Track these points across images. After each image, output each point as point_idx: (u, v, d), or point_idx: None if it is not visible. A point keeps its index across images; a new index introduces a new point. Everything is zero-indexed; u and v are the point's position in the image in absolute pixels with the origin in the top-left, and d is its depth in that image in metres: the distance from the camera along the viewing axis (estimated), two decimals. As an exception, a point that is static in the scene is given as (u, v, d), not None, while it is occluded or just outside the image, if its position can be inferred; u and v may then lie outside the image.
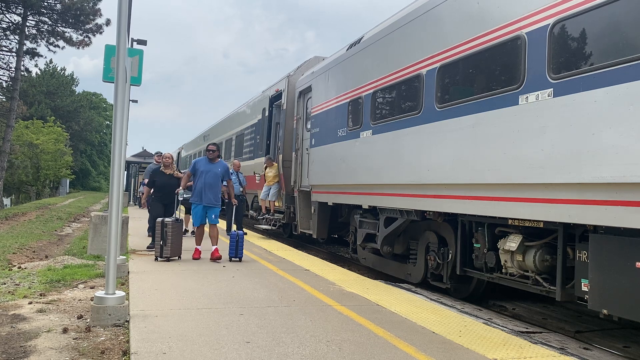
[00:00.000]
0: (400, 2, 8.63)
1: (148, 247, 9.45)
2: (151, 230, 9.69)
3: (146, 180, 11.68)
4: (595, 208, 4.47)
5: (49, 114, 50.43)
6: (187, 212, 12.08)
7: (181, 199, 10.17)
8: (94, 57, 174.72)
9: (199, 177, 8.46)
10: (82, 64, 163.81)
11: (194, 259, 8.51)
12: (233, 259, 8.49)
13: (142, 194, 25.30)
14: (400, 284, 7.26)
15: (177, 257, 8.36)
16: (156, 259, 8.20)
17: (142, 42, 14.96)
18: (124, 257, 7.67)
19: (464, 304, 6.52)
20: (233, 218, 9.66)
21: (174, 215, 9.12)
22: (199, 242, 8.73)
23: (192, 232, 11.36)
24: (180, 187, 8.95)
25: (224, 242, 9.34)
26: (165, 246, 8.14)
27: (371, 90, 8.41)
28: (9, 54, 28.36)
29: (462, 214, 6.40)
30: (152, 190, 9.87)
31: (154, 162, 12.72)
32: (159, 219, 8.31)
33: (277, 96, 13.69)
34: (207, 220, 8.62)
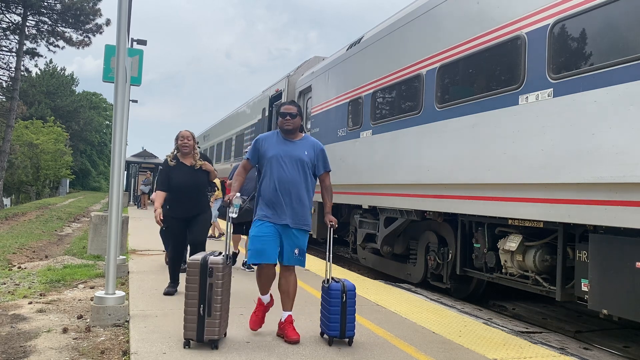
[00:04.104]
0: (403, 2, 8.64)
1: (165, 293, 5.71)
2: (171, 263, 5.88)
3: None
4: (595, 208, 4.47)
5: (49, 114, 50.41)
6: (237, 230, 7.68)
7: (234, 214, 4.26)
8: (97, 57, 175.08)
9: (267, 168, 4.24)
10: (85, 64, 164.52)
11: (252, 329, 4.36)
12: (335, 338, 4.11)
13: (144, 193, 25.21)
14: (400, 284, 7.26)
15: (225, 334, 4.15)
16: (187, 345, 3.90)
17: (142, 42, 14.93)
18: (124, 257, 7.66)
19: (464, 304, 6.52)
20: (330, 252, 4.33)
21: (224, 251, 4.17)
22: (264, 290, 4.35)
23: (246, 265, 7.56)
24: (232, 193, 4.22)
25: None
26: (209, 317, 3.87)
27: (371, 90, 8.41)
28: (9, 54, 28.38)
29: (462, 214, 6.40)
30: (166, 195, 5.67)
31: None
32: (193, 259, 3.94)
33: (277, 96, 13.71)
34: (281, 257, 4.22)
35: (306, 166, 4.27)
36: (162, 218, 5.42)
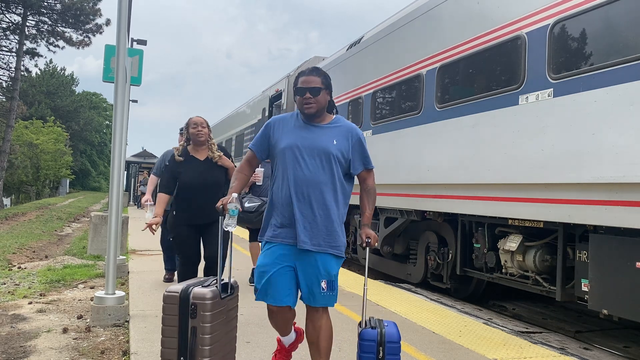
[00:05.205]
0: (404, 2, 8.66)
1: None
2: (180, 274, 4.58)
3: (150, 179, 6.27)
4: (595, 208, 4.47)
5: (49, 114, 50.47)
6: (254, 237, 6.28)
7: (232, 227, 2.87)
8: (97, 57, 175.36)
9: (279, 164, 2.98)
10: (85, 64, 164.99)
11: None
12: None
13: (143, 194, 24.86)
14: (400, 284, 7.26)
15: None
16: None
17: (142, 42, 14.96)
18: (124, 257, 7.66)
19: (464, 304, 6.52)
20: (366, 281, 3.43)
21: (220, 277, 2.98)
22: (283, 331, 3.30)
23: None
24: (228, 196, 2.91)
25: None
26: None
27: (371, 90, 8.41)
28: (9, 54, 28.42)
29: (462, 214, 6.40)
30: (174, 195, 4.59)
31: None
32: (170, 291, 2.76)
33: (277, 96, 13.71)
34: (306, 292, 2.97)
35: (334, 160, 2.92)
36: (155, 226, 4.46)
